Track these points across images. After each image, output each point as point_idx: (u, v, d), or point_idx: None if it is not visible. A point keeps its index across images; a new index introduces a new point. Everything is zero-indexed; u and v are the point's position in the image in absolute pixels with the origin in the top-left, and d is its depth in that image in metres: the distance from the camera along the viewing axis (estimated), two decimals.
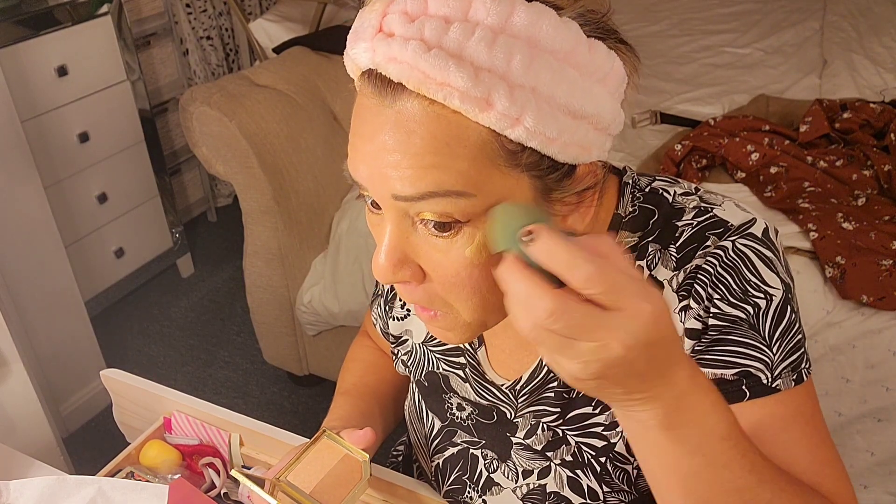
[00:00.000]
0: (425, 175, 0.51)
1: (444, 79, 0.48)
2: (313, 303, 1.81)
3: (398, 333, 0.83)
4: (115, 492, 0.79)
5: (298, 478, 0.66)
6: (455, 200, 0.51)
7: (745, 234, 0.62)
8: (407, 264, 0.55)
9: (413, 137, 0.50)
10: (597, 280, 0.42)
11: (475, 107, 0.49)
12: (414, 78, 0.49)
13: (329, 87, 1.92)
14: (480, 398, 0.75)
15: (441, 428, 0.79)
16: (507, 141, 0.51)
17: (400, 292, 0.59)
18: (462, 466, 0.78)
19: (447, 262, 0.54)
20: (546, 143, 0.51)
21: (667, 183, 0.67)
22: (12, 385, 1.24)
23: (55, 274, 1.90)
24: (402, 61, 0.49)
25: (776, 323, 0.61)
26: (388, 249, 0.55)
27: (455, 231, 0.53)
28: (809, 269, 1.41)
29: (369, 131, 0.53)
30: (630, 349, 0.43)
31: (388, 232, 0.55)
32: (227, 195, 3.04)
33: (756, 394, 0.61)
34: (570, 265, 0.43)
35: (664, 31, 2.60)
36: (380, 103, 0.52)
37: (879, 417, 1.39)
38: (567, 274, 0.43)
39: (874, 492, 1.43)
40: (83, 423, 2.04)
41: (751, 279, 0.61)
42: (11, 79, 1.84)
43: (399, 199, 0.52)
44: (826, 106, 1.83)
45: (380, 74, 0.51)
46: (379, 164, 0.52)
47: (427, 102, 0.50)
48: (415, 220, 0.54)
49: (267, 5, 3.07)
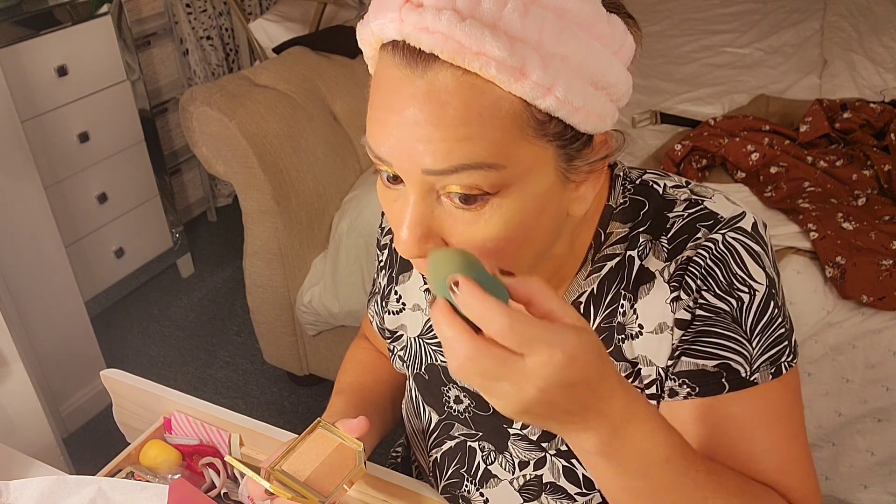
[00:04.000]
0: (459, 147, 0.51)
1: (480, 48, 0.48)
2: (313, 303, 1.81)
3: (393, 328, 0.83)
4: (115, 492, 0.79)
5: (293, 467, 0.67)
6: (486, 173, 0.51)
7: (734, 228, 0.63)
8: (431, 238, 0.55)
9: (447, 109, 0.50)
10: (507, 333, 0.45)
11: (510, 76, 0.49)
12: (449, 48, 0.49)
13: (329, 87, 1.92)
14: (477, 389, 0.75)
15: (438, 422, 0.80)
16: (537, 111, 0.51)
17: (420, 267, 0.59)
18: (460, 460, 0.79)
19: (473, 234, 0.54)
20: (572, 113, 0.52)
21: (657, 176, 0.69)
22: (12, 385, 1.24)
23: (55, 274, 1.90)
24: (435, 31, 0.49)
25: (758, 318, 0.62)
26: (413, 224, 0.54)
27: (482, 203, 0.53)
28: (809, 269, 1.41)
29: (397, 103, 0.52)
30: (545, 391, 0.45)
31: (411, 206, 0.54)
32: (227, 195, 3.04)
33: (734, 387, 0.62)
34: (483, 318, 0.45)
35: (664, 31, 2.60)
36: (409, 74, 0.51)
37: (879, 417, 1.39)
38: (481, 326, 0.46)
39: (874, 492, 1.43)
40: (83, 423, 2.04)
41: (737, 272, 0.62)
42: (11, 79, 1.84)
43: (429, 174, 0.52)
44: (826, 106, 1.83)
45: (408, 45, 0.51)
46: (408, 137, 0.51)
47: (460, 73, 0.50)
48: (440, 193, 0.54)
49: (267, 5, 3.07)
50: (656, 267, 0.64)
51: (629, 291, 0.66)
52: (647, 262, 0.65)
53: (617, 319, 0.67)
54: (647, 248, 0.65)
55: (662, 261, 0.64)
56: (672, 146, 1.77)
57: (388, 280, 0.84)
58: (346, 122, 1.93)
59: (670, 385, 0.64)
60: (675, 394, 0.64)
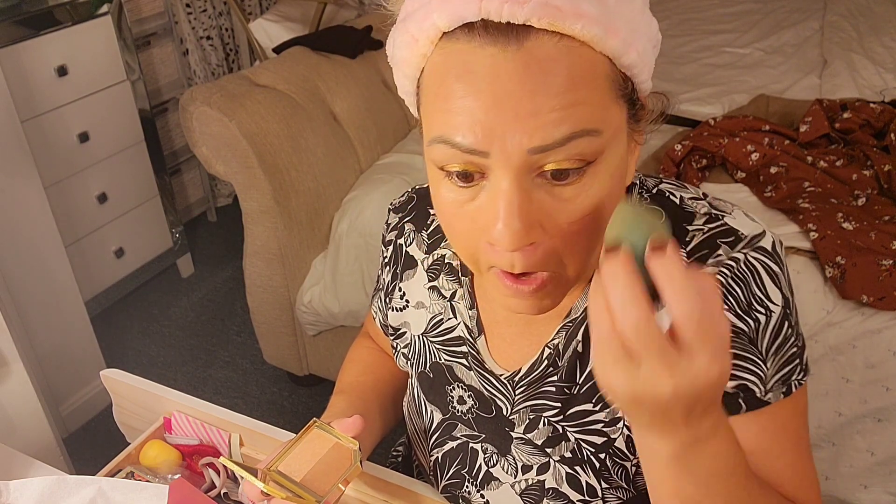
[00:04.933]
0: (568, 116, 0.50)
1: (577, 9, 0.49)
2: (313, 303, 1.81)
3: (397, 325, 0.83)
4: (115, 492, 0.78)
5: (289, 467, 0.67)
6: (591, 140, 0.51)
7: (756, 248, 0.62)
8: (535, 224, 0.53)
9: (553, 76, 0.49)
10: (694, 322, 0.43)
11: (606, 33, 0.50)
12: (548, 14, 0.48)
13: (329, 87, 1.92)
14: (482, 388, 0.75)
15: (441, 421, 0.80)
16: (618, 70, 0.53)
17: (516, 261, 0.54)
18: (461, 460, 0.79)
19: (575, 206, 0.53)
20: (642, 70, 0.54)
21: (674, 186, 0.68)
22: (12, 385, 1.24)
23: (55, 274, 1.90)
24: (526, 1, 0.48)
25: (773, 339, 0.62)
26: (515, 211, 0.51)
27: (580, 175, 0.52)
28: (809, 269, 1.41)
29: (489, 86, 0.50)
30: (679, 397, 0.44)
31: (506, 193, 0.51)
32: (227, 195, 3.04)
33: (750, 407, 0.63)
34: (680, 294, 0.43)
35: (664, 31, 2.58)
36: (499, 52, 0.50)
37: (879, 417, 1.39)
38: (672, 299, 0.43)
39: (874, 492, 1.43)
40: (83, 423, 2.04)
41: (756, 293, 0.62)
42: (11, 79, 1.84)
43: (535, 152, 0.50)
44: (826, 106, 1.83)
45: (490, 23, 0.50)
46: (509, 118, 0.50)
47: (557, 38, 0.50)
48: (535, 174, 0.52)
49: (267, 5, 3.07)
50: None
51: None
52: None
53: None
54: None
55: None
56: (672, 146, 1.77)
57: (392, 276, 0.83)
58: (346, 122, 1.93)
59: None
60: None
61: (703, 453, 0.50)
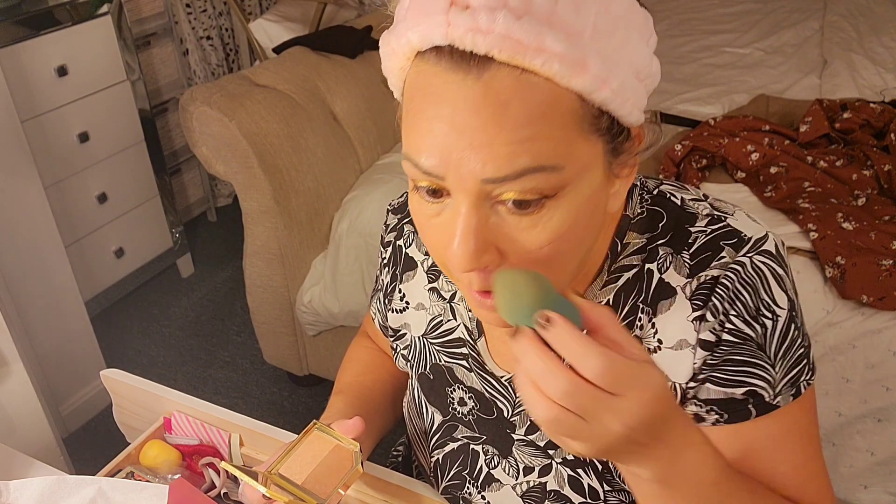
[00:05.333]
0: (522, 150, 0.49)
1: (540, 44, 0.47)
2: (313, 303, 1.81)
3: (397, 326, 0.83)
4: (115, 492, 0.78)
5: (290, 470, 0.67)
6: (547, 175, 0.50)
7: (761, 251, 0.62)
8: (487, 249, 0.53)
9: (508, 110, 0.49)
10: (606, 374, 0.45)
11: (572, 70, 0.48)
12: (508, 47, 0.48)
13: (329, 87, 1.92)
14: (483, 389, 0.75)
15: (442, 423, 0.79)
16: (591, 105, 0.51)
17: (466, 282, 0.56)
18: (462, 462, 0.78)
19: (530, 240, 0.53)
20: (622, 105, 0.52)
21: (674, 188, 0.68)
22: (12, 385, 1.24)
23: (55, 274, 1.90)
24: (489, 31, 0.47)
25: (780, 342, 0.62)
26: (468, 236, 0.51)
27: (539, 207, 0.52)
28: (809, 269, 1.41)
29: (448, 112, 0.50)
30: (633, 429, 0.46)
31: (463, 217, 0.52)
32: (227, 195, 3.04)
33: (760, 412, 0.63)
34: (580, 357, 0.45)
35: (664, 31, 2.60)
36: (460, 79, 0.49)
37: (879, 417, 1.39)
38: (577, 365, 0.45)
39: (874, 492, 1.43)
40: (83, 423, 2.04)
41: (763, 298, 0.61)
42: (11, 79, 1.84)
43: (489, 182, 0.50)
44: (826, 106, 1.83)
45: (457, 49, 0.49)
46: (464, 145, 0.49)
47: (518, 72, 0.48)
48: (494, 200, 0.52)
49: (267, 5, 3.07)
50: (677, 282, 0.63)
51: (647, 305, 0.65)
52: (667, 277, 0.64)
53: (634, 333, 0.66)
54: (667, 261, 0.64)
55: (684, 276, 0.63)
56: (672, 146, 1.77)
57: (392, 278, 0.83)
58: (346, 122, 1.92)
59: (696, 410, 0.64)
60: (701, 420, 0.64)
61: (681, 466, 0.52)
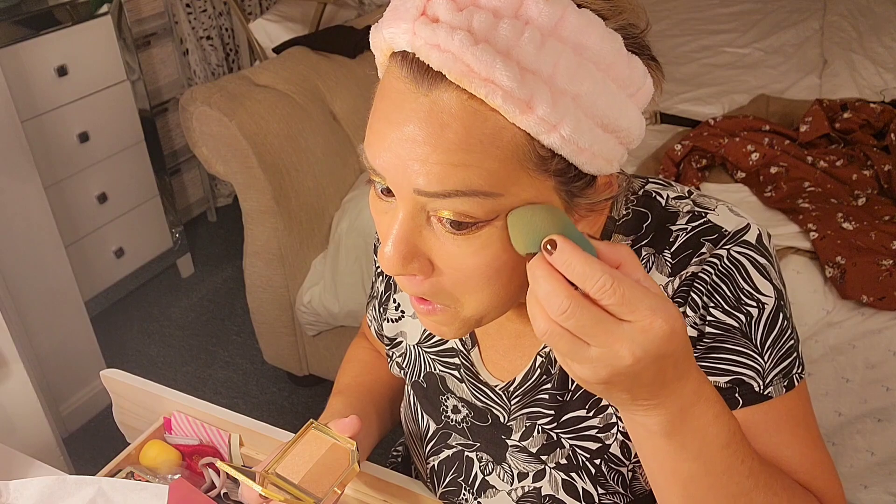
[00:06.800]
0: (454, 173, 0.49)
1: (489, 75, 0.47)
2: (313, 303, 1.81)
3: (392, 335, 0.83)
4: (115, 492, 0.78)
5: (287, 469, 0.67)
6: (481, 201, 0.50)
7: (739, 242, 0.61)
8: (417, 257, 0.53)
9: (446, 131, 0.48)
10: (610, 291, 0.44)
11: (516, 108, 0.47)
12: (457, 69, 0.47)
13: (329, 87, 1.92)
14: (476, 399, 0.75)
15: (436, 430, 0.79)
16: (540, 146, 0.50)
17: (402, 284, 0.57)
18: (457, 469, 0.78)
19: (463, 258, 0.52)
20: (576, 153, 0.50)
21: (660, 186, 0.67)
22: (12, 385, 1.24)
23: (55, 274, 1.90)
24: (445, 50, 0.47)
25: (768, 330, 0.61)
26: (399, 241, 0.52)
27: (474, 230, 0.51)
28: (809, 269, 1.41)
29: (398, 118, 0.50)
30: (638, 360, 0.45)
31: (399, 222, 0.52)
32: (227, 195, 3.04)
33: (748, 402, 0.62)
34: (584, 276, 0.44)
35: (664, 31, 2.60)
36: (413, 90, 0.49)
37: (879, 417, 1.39)
38: (582, 284, 0.44)
39: (874, 492, 1.43)
40: (83, 423, 2.04)
41: (744, 287, 0.61)
42: (11, 79, 1.84)
43: (421, 194, 0.50)
44: (826, 106, 1.83)
45: (418, 60, 0.49)
46: (404, 154, 0.50)
47: (466, 97, 0.48)
48: (431, 214, 0.52)
49: (267, 5, 3.07)
50: (660, 282, 0.63)
51: None
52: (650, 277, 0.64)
53: None
54: (649, 262, 0.64)
55: (666, 276, 0.63)
56: (672, 146, 1.77)
57: (386, 286, 0.83)
58: (346, 122, 1.92)
59: None
60: None
61: (692, 422, 0.50)
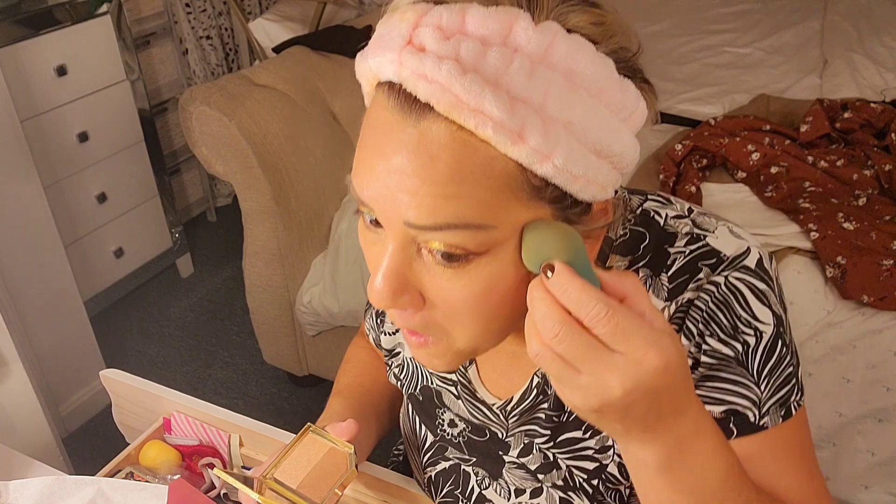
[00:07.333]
0: (445, 205, 0.47)
1: (478, 105, 0.45)
2: (313, 303, 1.80)
3: (390, 347, 0.82)
4: (114, 492, 0.78)
5: (285, 474, 0.66)
6: (473, 233, 0.48)
7: (738, 267, 0.59)
8: (407, 291, 0.52)
9: (436, 163, 0.47)
10: (604, 320, 0.43)
11: (507, 139, 0.46)
12: (445, 101, 0.46)
13: (329, 87, 1.92)
14: (472, 416, 0.74)
15: (433, 442, 0.79)
16: (533, 175, 0.48)
17: (392, 317, 0.55)
18: (454, 481, 0.78)
19: (454, 292, 0.51)
20: (570, 181, 0.49)
21: (658, 204, 0.65)
22: (12, 385, 1.24)
23: (54, 274, 1.90)
24: (433, 80, 0.46)
25: (765, 360, 0.60)
26: (389, 274, 0.51)
27: (466, 262, 0.50)
28: (810, 269, 1.41)
29: (386, 149, 0.49)
30: (628, 393, 0.44)
31: (388, 255, 0.51)
32: (226, 195, 3.04)
33: (743, 432, 0.61)
34: (579, 303, 0.44)
35: (664, 31, 2.60)
36: (401, 120, 0.48)
37: (880, 418, 1.39)
38: (576, 311, 0.44)
39: (875, 492, 1.43)
40: (83, 423, 2.03)
41: (742, 315, 0.59)
42: (11, 79, 1.84)
43: (411, 227, 0.49)
44: (827, 106, 1.83)
45: (405, 90, 0.48)
46: (393, 186, 0.48)
47: (455, 127, 0.47)
48: (421, 246, 0.51)
49: (267, 5, 3.06)
50: (657, 306, 0.61)
51: None
52: None
53: None
54: (647, 283, 0.62)
55: (663, 300, 0.61)
56: (672, 146, 1.77)
57: None
58: (346, 122, 1.92)
59: None
60: None
61: (689, 458, 0.49)
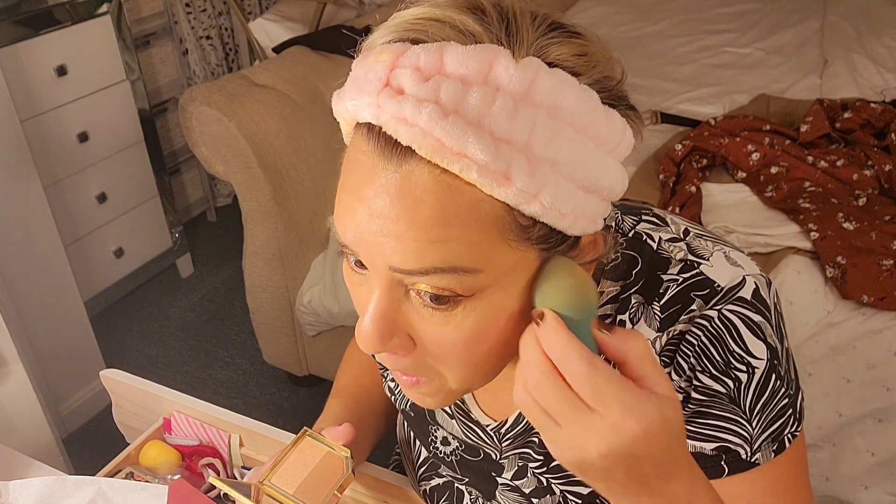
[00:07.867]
0: (432, 249, 0.46)
1: (461, 149, 0.44)
2: (313, 303, 1.80)
3: None
4: (114, 492, 0.78)
5: (282, 479, 0.66)
6: (461, 277, 0.47)
7: (732, 300, 0.57)
8: (396, 334, 0.51)
9: (421, 207, 0.46)
10: (584, 379, 0.43)
11: (493, 181, 0.45)
12: (427, 145, 0.44)
13: (329, 87, 1.92)
14: (466, 436, 0.73)
15: (427, 458, 0.78)
16: (520, 215, 0.47)
17: (383, 359, 0.54)
18: (449, 497, 0.77)
19: (444, 335, 0.50)
20: (558, 219, 0.48)
21: (652, 226, 0.63)
22: (12, 385, 1.24)
23: (55, 274, 1.90)
24: (413, 125, 0.44)
25: (758, 396, 0.58)
26: (377, 318, 0.49)
27: (454, 304, 0.49)
28: (810, 270, 1.41)
29: (367, 192, 0.47)
30: (604, 457, 0.44)
31: (375, 298, 0.50)
32: (226, 195, 3.04)
33: (734, 469, 0.60)
34: (562, 359, 0.44)
35: (664, 31, 2.60)
36: (382, 164, 0.46)
37: (880, 418, 1.39)
38: (559, 367, 0.44)
39: (875, 492, 1.43)
40: (83, 423, 2.03)
41: (735, 350, 0.57)
42: (11, 79, 1.84)
43: (398, 272, 0.48)
44: (827, 106, 1.82)
45: (385, 133, 0.46)
46: (377, 231, 0.47)
47: (439, 171, 0.45)
48: (409, 288, 0.49)
49: (267, 5, 3.06)
50: (647, 336, 0.59)
51: None
52: (637, 328, 0.60)
53: None
54: (638, 312, 0.60)
55: (655, 330, 0.59)
56: (672, 146, 1.77)
57: None
58: None
59: None
60: None
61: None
